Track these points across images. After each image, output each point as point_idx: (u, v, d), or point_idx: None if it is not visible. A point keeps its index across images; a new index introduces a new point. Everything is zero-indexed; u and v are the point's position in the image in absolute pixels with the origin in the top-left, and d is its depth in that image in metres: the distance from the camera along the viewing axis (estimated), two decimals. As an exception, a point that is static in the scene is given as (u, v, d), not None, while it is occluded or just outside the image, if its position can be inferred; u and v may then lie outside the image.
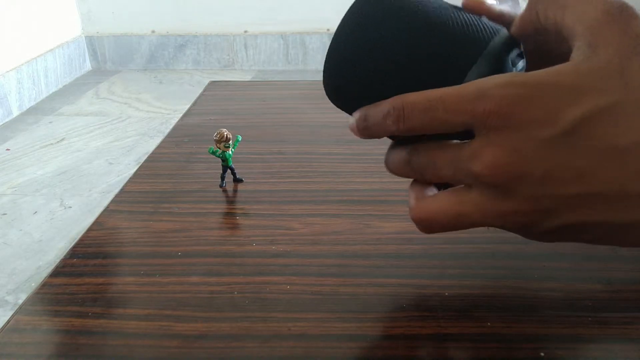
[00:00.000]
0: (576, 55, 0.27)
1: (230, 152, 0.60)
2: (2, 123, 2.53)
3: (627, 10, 0.27)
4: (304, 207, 0.56)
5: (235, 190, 0.61)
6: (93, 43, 3.20)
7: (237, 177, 0.62)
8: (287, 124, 0.75)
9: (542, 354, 0.37)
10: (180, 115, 0.81)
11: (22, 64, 2.70)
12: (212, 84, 0.92)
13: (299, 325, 0.41)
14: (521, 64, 0.32)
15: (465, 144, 0.30)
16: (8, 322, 0.44)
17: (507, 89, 0.27)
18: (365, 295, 0.44)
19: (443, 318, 0.40)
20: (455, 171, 0.30)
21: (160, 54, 3.17)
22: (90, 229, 0.55)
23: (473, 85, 0.28)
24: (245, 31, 3.08)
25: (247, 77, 3.00)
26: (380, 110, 0.31)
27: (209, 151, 0.60)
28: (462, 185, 0.31)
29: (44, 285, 0.47)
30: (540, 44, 0.33)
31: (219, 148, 0.60)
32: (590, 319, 0.39)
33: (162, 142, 0.72)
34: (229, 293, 0.45)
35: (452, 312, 0.41)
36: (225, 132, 0.60)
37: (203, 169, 0.64)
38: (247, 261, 0.49)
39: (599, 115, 0.26)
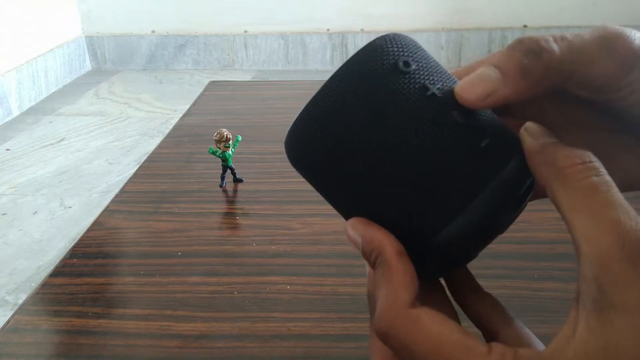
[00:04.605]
0: (585, 309, 0.21)
1: (230, 152, 0.60)
2: (2, 123, 2.53)
3: None
4: (304, 207, 0.56)
5: (235, 190, 0.61)
6: (93, 43, 3.20)
7: (237, 177, 0.62)
8: (287, 124, 0.75)
9: (542, 354, 0.37)
10: (180, 115, 0.81)
11: (22, 64, 2.69)
12: (212, 84, 0.91)
13: (299, 325, 0.41)
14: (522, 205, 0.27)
15: None
16: (8, 322, 0.44)
17: None
18: (365, 295, 0.44)
19: (443, 318, 0.40)
20: None
21: (160, 54, 3.17)
22: (90, 229, 0.55)
23: None
24: (245, 31, 3.07)
25: (247, 77, 3.00)
26: (376, 293, 0.26)
27: (209, 151, 0.60)
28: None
29: (44, 285, 0.47)
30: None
31: (219, 148, 0.60)
32: (590, 319, 0.39)
33: (162, 142, 0.72)
34: (229, 293, 0.45)
35: (452, 312, 0.41)
36: (225, 132, 0.60)
37: (203, 169, 0.64)
38: (247, 261, 0.49)
39: None
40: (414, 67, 0.24)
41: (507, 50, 0.25)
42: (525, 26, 2.86)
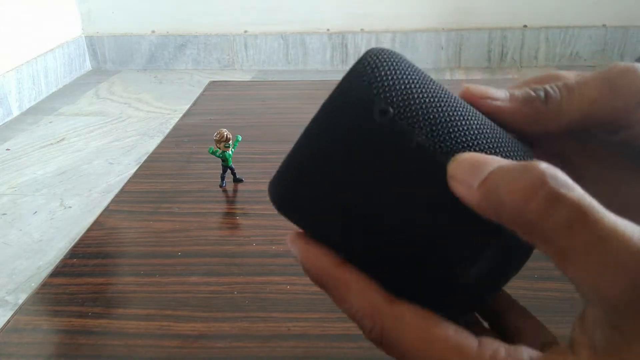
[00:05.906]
0: (598, 340, 0.19)
1: (230, 152, 0.60)
2: (2, 123, 2.53)
3: None
4: (304, 207, 0.56)
5: (235, 190, 0.61)
6: (93, 43, 3.20)
7: (237, 177, 0.62)
8: (287, 124, 0.75)
9: (542, 354, 0.37)
10: (180, 115, 0.81)
11: (22, 64, 2.70)
12: (212, 84, 0.91)
13: (299, 325, 0.41)
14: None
15: None
16: (8, 322, 0.44)
17: None
18: (365, 295, 0.44)
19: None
20: None
21: (160, 54, 3.17)
22: (90, 229, 0.55)
23: None
24: (245, 31, 3.07)
25: (247, 77, 3.00)
26: (349, 303, 0.25)
27: (209, 151, 0.60)
28: None
29: (44, 285, 0.47)
30: None
31: (219, 148, 0.60)
32: (590, 319, 0.39)
33: (162, 142, 0.72)
34: (229, 293, 0.45)
35: (452, 312, 0.41)
36: (225, 132, 0.60)
37: (203, 169, 0.64)
38: (247, 261, 0.49)
39: None
40: (392, 112, 0.22)
41: (525, 84, 0.27)
42: (525, 26, 2.86)
